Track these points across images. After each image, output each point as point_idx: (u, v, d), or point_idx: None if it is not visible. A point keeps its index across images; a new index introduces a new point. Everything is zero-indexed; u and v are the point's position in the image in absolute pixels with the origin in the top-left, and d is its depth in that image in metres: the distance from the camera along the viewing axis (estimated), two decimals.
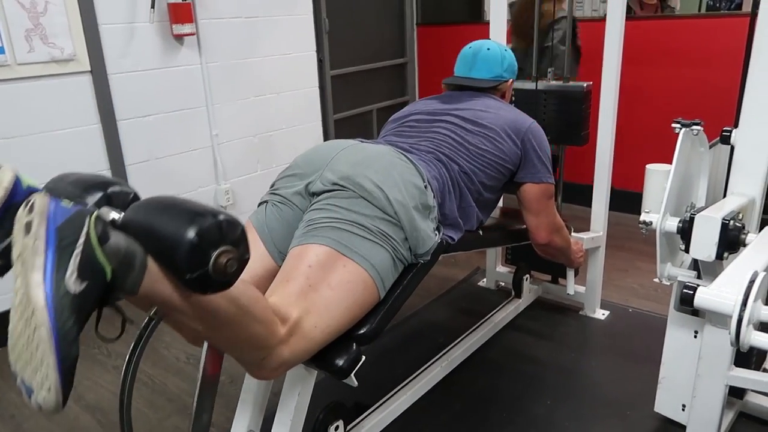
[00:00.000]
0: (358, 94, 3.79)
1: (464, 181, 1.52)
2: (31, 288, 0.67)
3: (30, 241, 0.69)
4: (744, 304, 0.91)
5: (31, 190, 0.78)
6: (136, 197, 0.89)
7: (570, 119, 2.14)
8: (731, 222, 1.21)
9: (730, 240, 1.21)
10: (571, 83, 2.16)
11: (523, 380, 1.91)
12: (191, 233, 0.75)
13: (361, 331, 1.23)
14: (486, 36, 2.21)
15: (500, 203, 2.25)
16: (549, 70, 2.18)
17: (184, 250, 0.75)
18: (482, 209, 1.61)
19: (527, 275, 2.30)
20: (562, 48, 2.56)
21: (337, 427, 1.42)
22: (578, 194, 2.73)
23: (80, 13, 2.28)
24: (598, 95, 2.05)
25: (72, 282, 0.69)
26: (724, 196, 1.47)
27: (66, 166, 2.33)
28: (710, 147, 1.50)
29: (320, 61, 3.35)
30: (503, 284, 2.55)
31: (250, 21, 2.90)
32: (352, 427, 1.53)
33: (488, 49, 1.75)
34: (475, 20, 4.27)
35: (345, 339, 1.21)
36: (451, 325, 2.26)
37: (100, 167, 2.46)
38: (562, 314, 2.32)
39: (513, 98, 2.14)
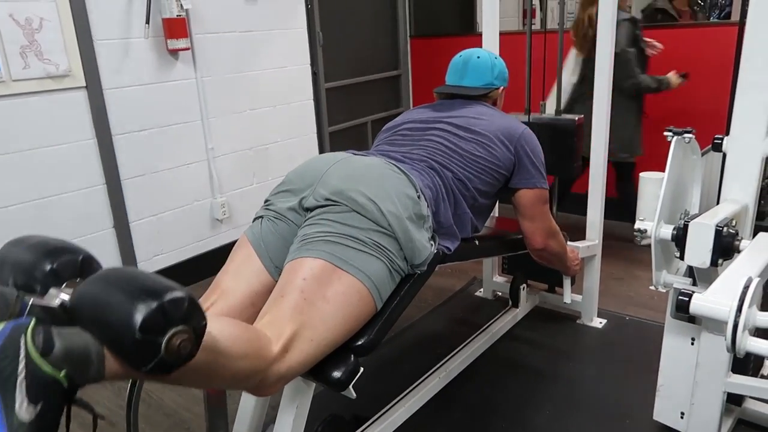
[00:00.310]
0: (352, 106, 3.81)
1: (458, 188, 1.52)
2: None
3: None
4: (739, 309, 0.92)
5: None
6: (87, 260, 0.85)
7: (562, 152, 2.18)
8: (725, 229, 1.22)
9: (724, 246, 1.22)
10: (563, 116, 2.22)
11: (522, 390, 1.90)
12: (134, 329, 0.71)
13: (359, 343, 1.23)
14: (478, 46, 2.24)
15: (495, 212, 2.26)
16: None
17: (131, 348, 0.72)
18: (477, 215, 1.61)
19: (524, 284, 2.30)
20: (631, 51, 2.60)
21: None
22: (573, 203, 2.75)
23: (75, 30, 2.29)
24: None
25: (24, 411, 0.65)
26: (718, 203, 1.49)
27: (63, 181, 2.34)
28: (702, 154, 1.52)
29: (315, 74, 3.37)
30: (500, 294, 2.55)
31: (245, 35, 2.92)
32: None
33: (478, 57, 1.76)
34: (468, 32, 4.31)
35: (343, 350, 1.21)
36: (448, 335, 2.26)
37: (96, 182, 2.46)
38: (560, 323, 2.32)
39: None
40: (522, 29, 4.44)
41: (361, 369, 1.22)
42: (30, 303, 0.74)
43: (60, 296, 0.76)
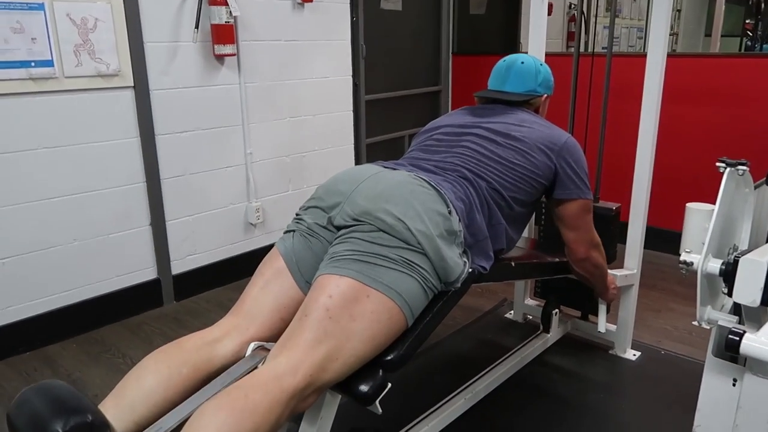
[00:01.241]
0: (391, 119, 3.81)
1: (493, 198, 1.48)
2: None
3: None
4: None
5: None
6: (98, 426, 0.95)
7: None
8: None
9: None
10: (601, 203, 2.16)
11: (549, 419, 1.85)
12: None
13: (388, 358, 1.21)
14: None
15: (525, 233, 2.21)
16: None
17: None
18: (512, 225, 1.56)
19: (556, 310, 2.25)
20: None
21: None
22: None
23: (127, 31, 2.36)
24: (636, 132, 2.02)
25: None
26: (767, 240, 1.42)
27: (105, 177, 2.40)
28: (755, 188, 1.46)
29: (356, 86, 3.39)
30: (531, 317, 2.50)
31: (290, 44, 2.96)
32: None
33: (522, 62, 1.71)
34: (511, 51, 4.29)
35: (371, 365, 1.19)
36: (476, 356, 2.22)
37: (137, 179, 2.51)
38: (591, 352, 2.25)
39: None
40: (567, 51, 4.40)
41: (389, 385, 1.20)
42: None
43: None
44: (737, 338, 0.95)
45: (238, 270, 2.88)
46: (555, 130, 1.62)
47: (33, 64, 2.13)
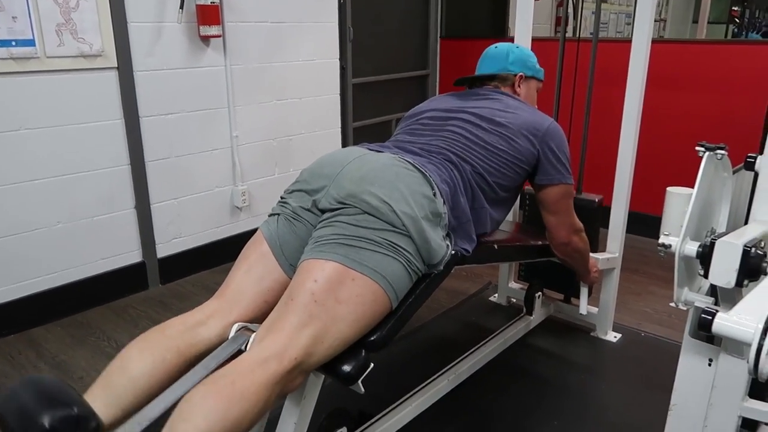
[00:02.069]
0: (378, 103, 3.80)
1: (477, 182, 1.50)
2: None
3: None
4: (765, 332, 0.89)
5: None
6: (84, 418, 0.98)
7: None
8: (753, 249, 1.19)
9: (751, 267, 1.18)
10: (583, 195, 2.18)
11: (531, 399, 1.88)
12: None
13: (371, 339, 1.22)
14: None
15: (509, 217, 2.23)
16: None
17: None
18: (496, 208, 1.58)
19: (540, 293, 2.28)
20: None
21: None
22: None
23: (111, 11, 2.32)
24: (620, 118, 2.04)
25: None
26: (746, 223, 1.45)
27: (89, 159, 2.38)
28: (734, 173, 1.48)
29: (343, 69, 3.37)
30: (515, 300, 2.53)
31: (276, 26, 2.93)
32: None
33: (495, 47, 1.82)
34: (499, 35, 4.28)
35: (354, 346, 1.21)
36: (459, 339, 2.24)
37: (121, 162, 2.49)
38: (573, 335, 2.29)
39: None
40: (554, 36, 4.40)
41: (371, 365, 1.21)
42: None
43: None
44: (710, 317, 0.97)
45: (223, 253, 2.88)
46: (538, 115, 1.65)
47: (14, 43, 2.09)
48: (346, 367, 1.18)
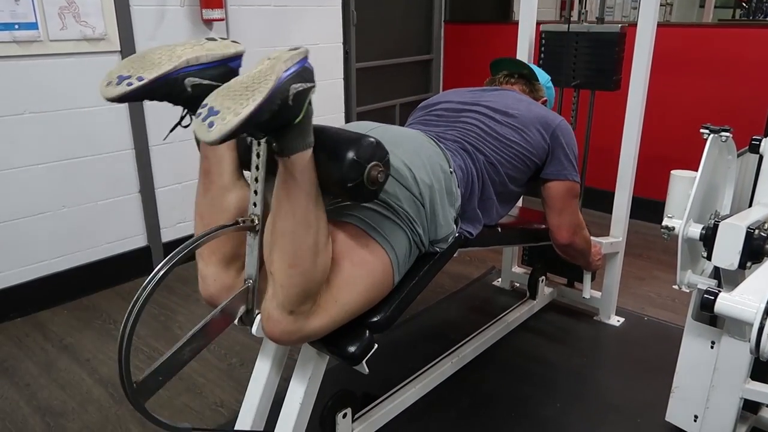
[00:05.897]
0: (382, 87, 3.79)
1: (489, 172, 1.52)
2: (277, 67, 0.93)
3: (290, 54, 0.97)
4: (767, 312, 0.90)
5: None
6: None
7: (602, 63, 2.06)
8: (756, 231, 1.19)
9: (754, 249, 1.19)
10: (605, 25, 2.08)
11: (534, 382, 1.89)
12: (351, 154, 1.03)
13: (375, 319, 1.23)
14: (514, 35, 2.21)
15: (519, 203, 2.23)
16: None
17: (347, 164, 1.02)
18: (502, 202, 1.60)
19: (543, 277, 2.28)
20: None
21: (345, 415, 1.42)
22: (598, 200, 2.70)
23: None
24: (625, 102, 2.03)
25: (292, 87, 0.95)
26: (750, 206, 1.45)
27: (93, 144, 2.38)
28: (738, 155, 1.48)
29: (346, 53, 3.36)
30: (518, 285, 2.54)
31: (280, 9, 2.92)
32: (360, 416, 1.53)
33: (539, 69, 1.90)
34: (504, 20, 4.25)
35: (358, 326, 1.22)
36: (463, 322, 2.26)
37: (126, 146, 2.49)
38: (577, 318, 2.30)
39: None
40: (559, 20, 4.36)
41: (375, 345, 1.22)
42: None
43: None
44: (712, 297, 0.98)
45: None
46: (550, 112, 1.68)
47: (17, 26, 2.09)
48: (351, 348, 1.19)
